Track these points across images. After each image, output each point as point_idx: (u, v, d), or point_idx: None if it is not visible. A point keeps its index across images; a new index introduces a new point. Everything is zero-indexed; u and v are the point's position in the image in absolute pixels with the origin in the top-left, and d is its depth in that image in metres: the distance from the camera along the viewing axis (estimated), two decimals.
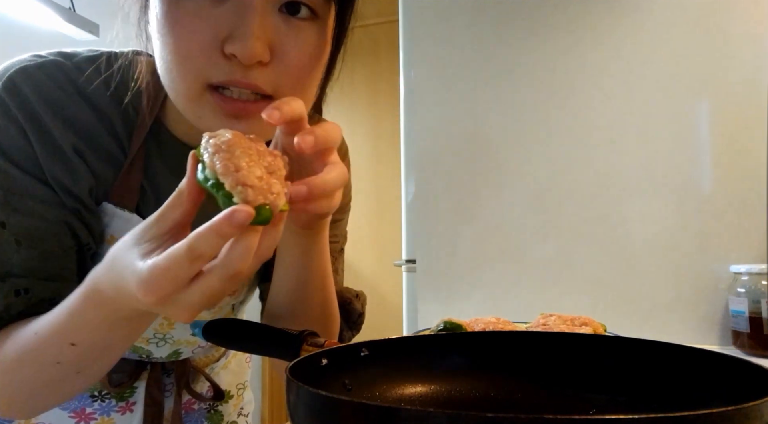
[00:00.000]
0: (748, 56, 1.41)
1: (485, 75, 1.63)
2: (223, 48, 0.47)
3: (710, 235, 1.42)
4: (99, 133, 0.57)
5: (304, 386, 0.34)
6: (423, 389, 0.49)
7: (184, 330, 0.69)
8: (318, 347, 0.50)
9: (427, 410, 0.28)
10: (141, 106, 0.58)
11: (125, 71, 0.58)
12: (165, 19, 0.48)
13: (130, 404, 0.72)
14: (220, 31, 0.47)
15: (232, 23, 0.47)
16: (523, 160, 1.59)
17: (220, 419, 0.82)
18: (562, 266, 1.53)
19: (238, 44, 0.46)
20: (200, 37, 0.47)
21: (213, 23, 0.47)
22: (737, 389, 0.37)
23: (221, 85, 0.49)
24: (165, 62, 0.50)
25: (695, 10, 1.46)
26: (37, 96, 0.54)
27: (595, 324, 0.80)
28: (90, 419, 0.71)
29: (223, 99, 0.49)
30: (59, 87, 0.56)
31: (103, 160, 0.58)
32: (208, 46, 0.47)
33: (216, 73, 0.48)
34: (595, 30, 1.55)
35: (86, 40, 2.29)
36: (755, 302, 1.28)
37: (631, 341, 0.48)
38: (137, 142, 0.59)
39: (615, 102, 1.52)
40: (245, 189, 0.37)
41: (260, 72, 0.48)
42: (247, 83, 0.48)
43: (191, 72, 0.48)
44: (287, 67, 0.50)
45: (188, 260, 0.37)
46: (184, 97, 0.50)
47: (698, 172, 1.45)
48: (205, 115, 0.50)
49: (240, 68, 0.48)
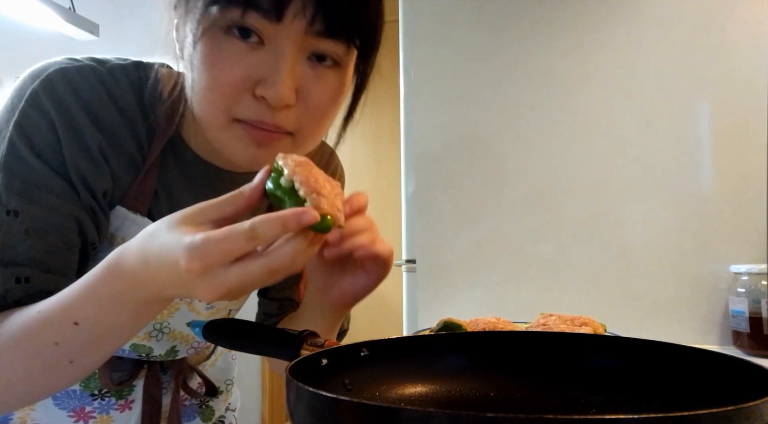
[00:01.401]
0: (748, 56, 1.41)
1: (485, 75, 1.63)
2: (255, 90, 0.52)
3: (710, 235, 1.42)
4: (124, 138, 0.60)
5: (304, 386, 0.34)
6: (423, 389, 0.49)
7: (181, 319, 0.70)
8: (318, 347, 0.50)
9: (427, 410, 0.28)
10: (162, 117, 0.61)
11: (151, 82, 0.61)
12: (205, 56, 0.52)
13: (128, 402, 0.73)
14: (254, 75, 0.52)
15: (265, 69, 0.51)
16: (523, 160, 1.59)
17: (211, 414, 0.84)
18: (562, 266, 1.53)
19: (270, 89, 0.51)
20: (235, 78, 0.52)
21: (248, 67, 0.51)
22: (737, 389, 0.37)
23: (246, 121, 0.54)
24: (199, 92, 0.54)
25: (695, 10, 1.46)
26: (72, 95, 0.57)
27: (595, 324, 0.80)
28: (89, 417, 0.71)
29: (251, 128, 0.54)
30: (93, 90, 0.58)
31: (124, 164, 0.61)
32: (241, 86, 0.52)
33: (245, 112, 0.53)
34: (595, 30, 1.55)
35: (86, 40, 2.30)
36: (755, 302, 1.28)
37: (631, 341, 0.48)
38: (156, 150, 0.62)
39: (615, 102, 1.52)
40: (318, 197, 0.42)
41: (284, 114, 0.53)
42: (272, 124, 0.53)
43: (222, 107, 0.53)
44: (309, 109, 0.55)
45: (245, 238, 0.40)
46: (213, 126, 0.55)
47: (698, 173, 1.45)
48: (232, 143, 0.55)
49: (268, 109, 0.53)
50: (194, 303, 0.70)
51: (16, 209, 0.54)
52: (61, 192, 0.56)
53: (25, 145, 0.55)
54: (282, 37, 0.51)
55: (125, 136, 0.60)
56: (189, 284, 0.42)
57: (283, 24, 0.50)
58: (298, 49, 0.52)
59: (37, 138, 0.56)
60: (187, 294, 0.44)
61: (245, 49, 0.51)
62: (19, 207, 0.54)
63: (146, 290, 0.46)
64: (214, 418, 0.84)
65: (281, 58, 0.51)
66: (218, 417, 0.85)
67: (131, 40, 3.10)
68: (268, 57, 0.51)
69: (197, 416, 0.82)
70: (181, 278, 0.42)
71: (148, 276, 0.45)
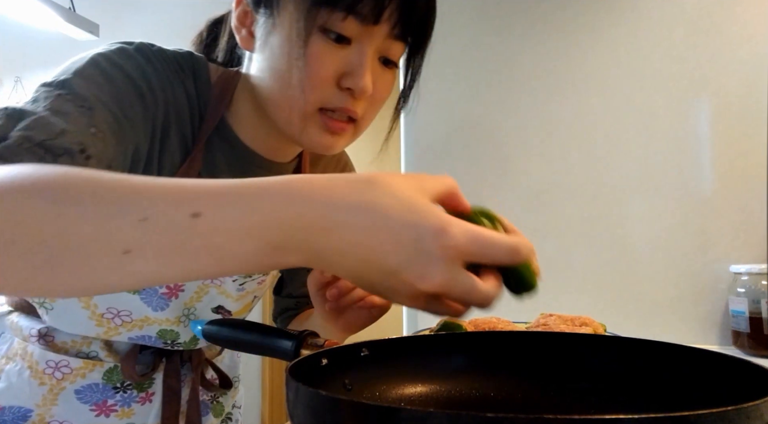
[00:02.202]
0: (748, 56, 1.41)
1: (485, 75, 1.63)
2: (340, 82, 0.60)
3: (710, 235, 1.42)
4: (184, 118, 0.65)
5: (303, 386, 0.34)
6: (423, 389, 0.49)
7: (209, 303, 0.72)
8: (318, 347, 0.50)
9: (427, 410, 0.28)
10: (212, 103, 0.67)
11: (202, 70, 0.67)
12: (297, 53, 0.59)
13: (149, 395, 0.74)
14: (341, 69, 0.60)
15: (350, 64, 0.60)
16: (523, 159, 1.59)
17: (221, 409, 0.85)
18: (562, 266, 1.53)
19: (357, 81, 0.60)
20: (328, 73, 0.60)
21: (337, 63, 0.60)
22: (737, 389, 0.37)
23: (329, 109, 0.62)
24: (286, 86, 0.61)
25: (695, 9, 1.46)
26: (161, 63, 0.63)
27: (595, 324, 0.79)
28: (111, 411, 0.72)
29: (330, 120, 0.63)
30: (172, 68, 0.64)
31: (179, 142, 0.65)
32: (330, 79, 0.60)
33: (332, 101, 0.61)
34: (595, 30, 1.55)
35: (86, 40, 2.30)
36: (755, 302, 1.28)
37: (631, 341, 0.48)
38: (205, 134, 0.67)
39: (615, 102, 1.52)
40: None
41: (360, 102, 0.62)
42: (352, 110, 0.62)
43: (314, 98, 0.60)
44: (374, 100, 0.64)
45: (506, 250, 0.38)
46: (298, 115, 0.62)
47: (698, 172, 1.45)
48: (311, 130, 0.63)
49: (350, 98, 0.61)
50: (224, 285, 0.71)
51: (83, 148, 0.52)
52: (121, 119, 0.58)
53: (108, 69, 0.58)
54: (367, 38, 0.60)
55: (185, 116, 0.65)
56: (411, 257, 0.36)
57: (374, 27, 0.59)
58: (376, 49, 0.61)
59: (121, 95, 0.58)
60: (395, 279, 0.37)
61: (336, 47, 0.59)
62: (87, 146, 0.53)
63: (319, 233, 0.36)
64: (223, 414, 0.86)
65: (364, 56, 0.60)
66: (227, 413, 0.87)
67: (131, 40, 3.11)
68: (354, 54, 0.60)
69: (209, 411, 0.83)
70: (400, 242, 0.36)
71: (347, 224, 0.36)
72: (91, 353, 0.71)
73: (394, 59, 0.64)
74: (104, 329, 0.70)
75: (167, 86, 0.63)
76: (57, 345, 0.71)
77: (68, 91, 0.54)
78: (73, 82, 0.55)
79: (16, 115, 0.50)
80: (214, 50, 0.76)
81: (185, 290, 0.69)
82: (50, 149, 0.49)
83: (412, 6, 0.60)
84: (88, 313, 0.68)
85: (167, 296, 0.69)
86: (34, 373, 0.69)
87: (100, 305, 0.68)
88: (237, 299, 0.74)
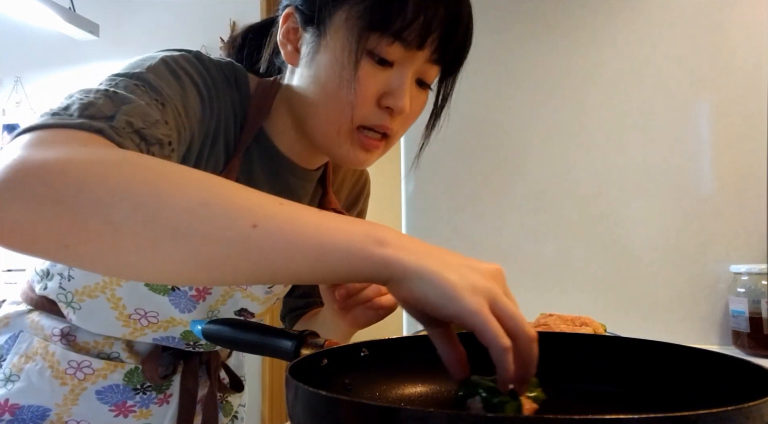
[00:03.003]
0: (748, 56, 1.41)
1: (485, 75, 1.63)
2: (380, 101, 0.64)
3: (710, 235, 1.42)
4: (230, 127, 0.68)
5: (303, 386, 0.34)
6: (423, 389, 0.49)
7: (232, 306, 0.74)
8: (318, 347, 0.50)
9: (427, 410, 0.28)
10: (252, 112, 0.70)
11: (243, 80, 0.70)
12: (348, 75, 0.62)
13: (167, 396, 0.76)
14: (381, 89, 0.63)
15: (390, 84, 0.63)
16: (523, 160, 1.59)
17: (230, 409, 0.88)
18: (562, 266, 1.53)
19: (397, 101, 0.63)
20: (371, 93, 0.63)
21: (379, 84, 0.63)
22: (737, 389, 0.37)
23: (366, 127, 0.65)
24: (330, 102, 0.64)
25: (695, 9, 1.46)
26: (216, 73, 0.66)
27: (595, 324, 0.80)
28: (129, 411, 0.74)
29: (366, 138, 0.65)
30: (222, 78, 0.67)
31: (222, 148, 0.68)
32: (372, 98, 0.63)
33: (371, 118, 0.64)
34: (595, 30, 1.55)
35: (86, 40, 2.30)
36: (755, 302, 1.28)
37: (631, 341, 0.48)
38: (245, 142, 0.69)
39: (615, 102, 1.52)
40: None
41: (395, 120, 0.65)
42: (389, 127, 0.65)
43: (355, 115, 0.63)
44: (407, 119, 0.68)
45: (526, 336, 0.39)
46: (336, 131, 0.65)
47: (698, 172, 1.45)
48: (347, 145, 0.66)
49: (388, 117, 0.65)
50: (250, 289, 0.73)
51: (163, 103, 0.56)
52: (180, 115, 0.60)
53: (177, 69, 0.61)
54: (409, 61, 0.63)
55: (231, 124, 0.68)
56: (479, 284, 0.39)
57: (418, 52, 0.62)
58: (415, 71, 0.64)
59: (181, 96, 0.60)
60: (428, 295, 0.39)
61: (379, 68, 0.62)
62: (165, 100, 0.57)
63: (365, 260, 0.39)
64: (232, 413, 0.88)
65: (404, 77, 0.63)
66: (234, 412, 0.89)
67: (131, 40, 3.10)
68: (395, 76, 0.63)
69: (220, 411, 0.85)
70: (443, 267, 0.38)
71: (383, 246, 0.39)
72: (113, 354, 0.73)
73: (429, 82, 0.68)
74: (130, 330, 0.71)
75: (222, 94, 0.66)
76: (79, 345, 0.72)
77: (144, 83, 0.56)
78: (148, 76, 0.57)
79: (117, 98, 0.52)
80: (254, 60, 0.77)
81: (212, 293, 0.71)
82: (145, 138, 0.52)
83: (453, 33, 0.63)
84: (116, 313, 0.70)
85: (196, 299, 0.70)
86: (55, 372, 0.70)
87: (128, 306, 0.69)
88: (263, 302, 0.76)
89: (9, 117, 3.15)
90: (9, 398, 0.69)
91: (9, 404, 0.69)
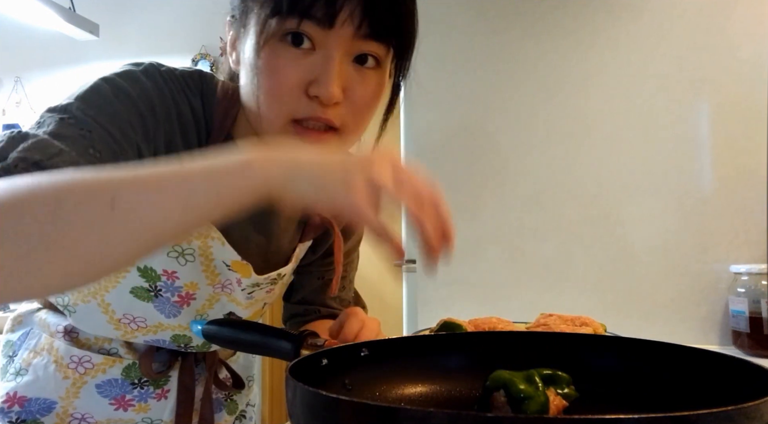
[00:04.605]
0: (748, 56, 1.41)
1: (485, 75, 1.63)
2: (308, 90, 0.59)
3: (710, 235, 1.42)
4: (192, 135, 0.66)
5: (303, 386, 0.34)
6: (423, 389, 0.49)
7: (220, 311, 0.74)
8: (318, 347, 0.50)
9: (427, 410, 0.28)
10: (217, 119, 0.68)
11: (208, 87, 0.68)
12: (263, 64, 0.59)
13: (164, 391, 0.77)
14: (307, 77, 0.58)
15: (317, 71, 0.58)
16: (522, 160, 1.59)
17: (235, 407, 0.88)
18: (562, 266, 1.53)
19: (322, 88, 0.58)
20: (293, 82, 0.59)
21: (302, 71, 0.58)
22: (737, 389, 0.37)
23: (302, 119, 0.60)
24: (258, 97, 0.61)
25: (695, 10, 1.46)
26: (166, 83, 0.64)
27: (595, 324, 0.80)
28: (128, 405, 0.76)
29: (304, 130, 0.61)
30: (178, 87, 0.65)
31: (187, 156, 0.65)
32: (296, 88, 0.59)
33: (301, 110, 0.60)
34: (596, 30, 1.55)
35: (86, 40, 2.30)
36: (755, 302, 1.28)
37: (631, 341, 0.48)
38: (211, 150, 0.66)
39: (615, 102, 1.52)
40: None
41: (334, 110, 0.60)
42: (325, 119, 0.60)
43: (281, 108, 0.60)
44: (354, 106, 0.62)
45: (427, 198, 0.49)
46: (273, 126, 0.61)
47: (698, 172, 1.45)
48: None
49: (320, 106, 0.59)
50: (234, 294, 0.73)
51: (89, 129, 0.56)
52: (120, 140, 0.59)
53: (109, 94, 0.59)
54: (332, 42, 0.58)
55: (192, 132, 0.66)
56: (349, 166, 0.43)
57: (334, 30, 0.57)
58: (345, 52, 0.59)
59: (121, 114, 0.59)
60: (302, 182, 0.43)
61: (299, 54, 0.58)
62: (92, 128, 0.56)
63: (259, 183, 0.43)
64: (237, 412, 0.89)
65: (331, 61, 0.58)
66: (240, 411, 0.90)
67: (131, 40, 3.10)
68: (319, 60, 0.58)
69: (223, 408, 0.86)
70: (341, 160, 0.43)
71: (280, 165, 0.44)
72: (112, 350, 0.75)
73: (375, 57, 0.62)
74: (122, 332, 0.73)
75: (171, 105, 0.64)
76: (81, 341, 0.75)
77: (70, 115, 0.56)
78: (75, 106, 0.57)
79: (18, 137, 0.52)
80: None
81: (197, 298, 0.72)
82: (44, 169, 0.50)
83: (374, 5, 0.58)
84: (107, 318, 0.71)
85: (179, 304, 0.71)
86: (59, 367, 0.73)
87: (117, 311, 0.71)
88: (246, 306, 0.76)
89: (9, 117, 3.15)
90: (18, 391, 0.73)
91: (18, 397, 0.72)
